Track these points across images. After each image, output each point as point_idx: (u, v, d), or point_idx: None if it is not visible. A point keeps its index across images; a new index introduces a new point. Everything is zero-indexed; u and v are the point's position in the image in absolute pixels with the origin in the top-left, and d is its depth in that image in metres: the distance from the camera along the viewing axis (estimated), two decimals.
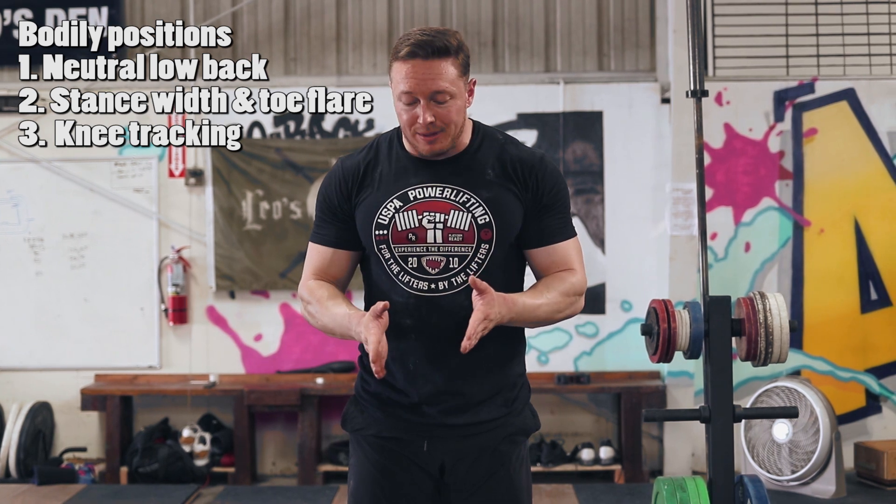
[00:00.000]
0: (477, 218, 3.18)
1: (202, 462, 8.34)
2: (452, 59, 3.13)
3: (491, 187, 3.20)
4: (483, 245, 3.19)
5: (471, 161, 3.24)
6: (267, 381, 8.59)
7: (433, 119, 3.11)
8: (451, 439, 3.28)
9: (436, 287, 3.20)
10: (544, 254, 3.28)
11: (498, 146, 3.28)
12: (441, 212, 3.18)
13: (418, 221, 3.18)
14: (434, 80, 3.10)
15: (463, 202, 3.18)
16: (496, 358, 3.29)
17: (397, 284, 3.22)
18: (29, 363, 8.83)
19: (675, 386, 8.28)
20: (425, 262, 3.19)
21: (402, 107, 3.16)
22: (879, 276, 8.52)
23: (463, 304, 3.17)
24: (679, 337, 4.64)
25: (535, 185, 3.24)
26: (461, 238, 3.18)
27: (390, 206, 3.19)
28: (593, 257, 8.65)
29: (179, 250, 8.68)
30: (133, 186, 8.73)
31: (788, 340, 4.60)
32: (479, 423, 3.29)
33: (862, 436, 8.44)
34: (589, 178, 8.70)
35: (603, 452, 8.30)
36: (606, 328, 8.66)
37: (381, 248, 3.21)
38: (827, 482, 7.49)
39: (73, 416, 8.73)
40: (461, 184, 3.20)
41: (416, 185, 3.20)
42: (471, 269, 3.19)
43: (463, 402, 3.26)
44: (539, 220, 3.26)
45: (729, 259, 8.54)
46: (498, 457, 3.33)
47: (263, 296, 8.74)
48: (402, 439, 3.30)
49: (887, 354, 8.53)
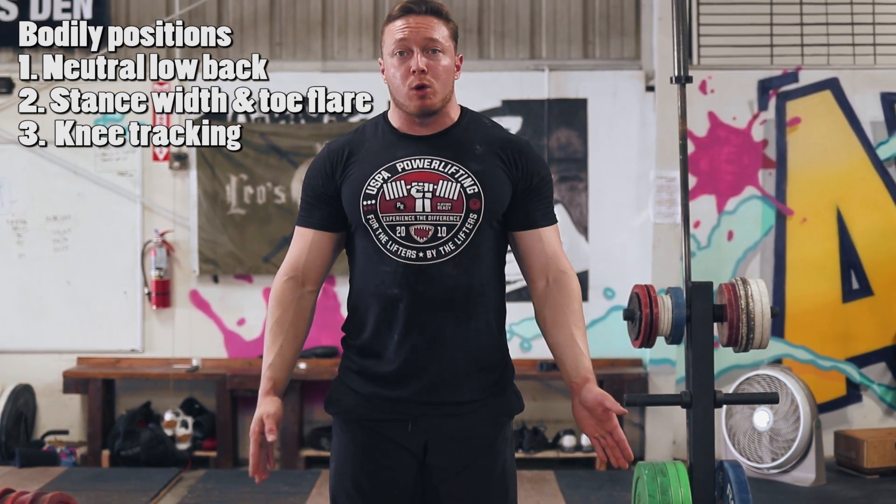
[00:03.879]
0: (466, 188, 3.21)
1: (184, 446, 8.34)
2: (445, 21, 3.27)
3: (480, 160, 3.26)
4: (472, 215, 3.21)
5: (460, 136, 3.29)
6: (250, 365, 8.59)
7: (425, 68, 3.20)
8: (435, 418, 3.29)
9: (424, 255, 3.22)
10: (531, 238, 3.32)
11: (485, 128, 3.35)
12: (430, 181, 3.21)
13: (406, 191, 3.21)
14: (428, 30, 3.22)
15: (451, 173, 3.22)
16: (482, 329, 3.30)
17: (385, 254, 3.24)
18: (11, 346, 8.81)
19: (656, 373, 8.31)
20: (413, 230, 3.21)
21: (395, 63, 3.25)
22: (861, 265, 8.55)
23: (451, 273, 3.22)
24: (661, 322, 4.66)
25: (524, 167, 3.30)
26: (450, 207, 3.20)
27: (378, 178, 3.22)
28: (576, 244, 8.67)
29: (163, 234, 8.67)
30: (117, 170, 8.71)
31: (770, 326, 4.62)
32: (463, 403, 3.29)
33: (842, 424, 8.49)
34: (573, 165, 8.71)
35: (584, 439, 8.31)
36: (589, 315, 8.66)
37: (370, 217, 3.23)
38: (807, 470, 7.53)
39: (55, 398, 8.72)
40: (450, 156, 3.24)
41: (404, 158, 3.25)
42: (458, 239, 3.21)
43: (448, 375, 3.26)
44: (526, 203, 3.31)
45: (712, 247, 8.57)
46: (483, 438, 3.33)
47: (247, 280, 8.74)
48: (385, 420, 3.30)
49: (868, 344, 8.57)
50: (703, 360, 4.68)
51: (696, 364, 4.68)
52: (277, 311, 3.32)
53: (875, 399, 8.58)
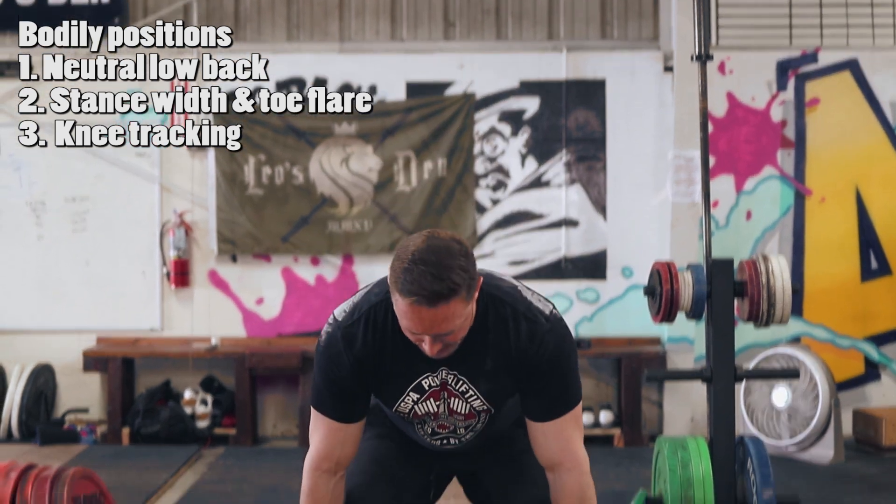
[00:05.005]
0: (475, 407, 3.22)
1: (204, 424, 8.38)
2: (459, 297, 2.90)
3: (490, 378, 3.16)
4: (483, 416, 3.26)
5: (473, 346, 3.10)
6: (268, 344, 8.63)
7: (440, 348, 3.00)
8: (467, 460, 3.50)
9: (447, 442, 3.33)
10: (536, 428, 3.19)
11: (502, 331, 3.11)
12: (447, 394, 3.19)
13: (434, 407, 3.22)
14: (440, 325, 2.92)
15: (462, 392, 3.18)
16: (505, 431, 3.43)
17: (413, 428, 3.36)
18: (31, 325, 8.86)
19: (675, 351, 8.32)
20: (437, 426, 3.28)
21: (405, 328, 3.00)
22: (880, 245, 8.54)
23: (473, 442, 3.35)
24: (682, 298, 4.68)
25: (537, 375, 3.14)
26: (463, 418, 3.26)
27: (408, 400, 3.21)
28: (595, 224, 8.68)
29: (181, 214, 8.70)
30: (135, 151, 8.73)
31: (790, 302, 4.64)
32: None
33: (861, 403, 8.49)
34: (591, 145, 8.72)
35: (603, 417, 8.34)
36: (607, 294, 8.70)
37: (399, 420, 3.35)
38: (825, 447, 7.54)
39: (74, 377, 8.77)
40: (463, 372, 3.15)
41: (426, 374, 3.15)
42: (475, 430, 3.30)
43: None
44: (535, 398, 3.18)
45: (730, 227, 8.56)
46: (508, 434, 3.42)
47: (265, 260, 8.77)
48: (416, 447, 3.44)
49: (887, 323, 8.57)
50: (724, 336, 4.70)
51: (717, 339, 4.70)
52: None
53: (894, 378, 8.57)
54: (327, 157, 8.62)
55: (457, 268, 2.87)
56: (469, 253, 2.94)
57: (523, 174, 8.72)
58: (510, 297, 3.12)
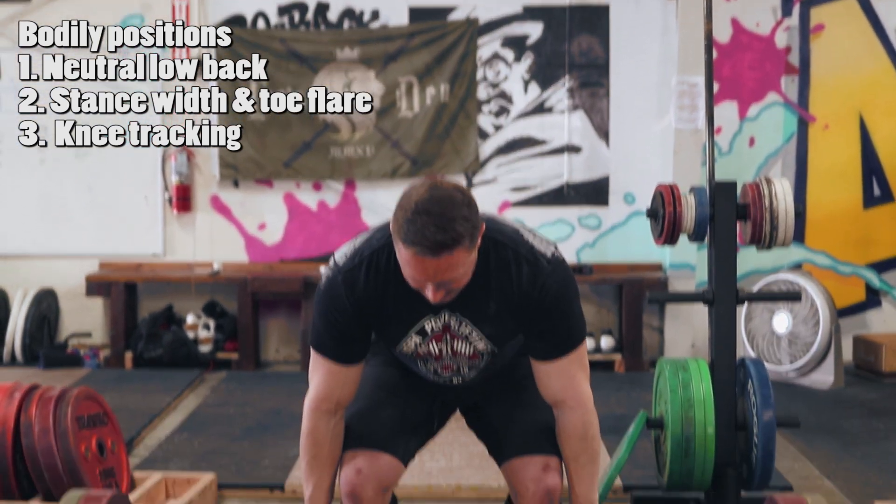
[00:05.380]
0: (479, 349, 3.23)
1: (206, 348, 8.42)
2: (462, 246, 2.90)
3: (493, 321, 3.17)
4: (487, 357, 3.27)
5: (475, 290, 3.10)
6: (270, 269, 8.65)
7: (442, 296, 3.00)
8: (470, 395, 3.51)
9: (450, 381, 3.35)
10: (539, 368, 3.21)
11: (504, 275, 3.12)
12: (450, 337, 3.20)
13: (437, 350, 3.23)
14: (444, 273, 2.92)
15: (465, 335, 3.19)
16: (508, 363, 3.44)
17: (417, 366, 3.36)
18: (33, 250, 8.87)
19: (676, 277, 8.33)
20: (440, 367, 3.29)
21: (407, 276, 2.99)
22: (883, 172, 8.52)
23: (477, 378, 3.35)
24: (685, 220, 4.67)
25: (539, 317, 3.14)
26: (467, 359, 3.26)
27: (411, 342, 3.22)
28: (598, 150, 8.65)
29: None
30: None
31: (793, 225, 4.63)
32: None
33: (861, 329, 8.51)
34: (594, 71, 8.67)
35: (604, 342, 8.38)
36: (609, 220, 8.69)
37: (403, 357, 3.35)
38: (825, 373, 7.58)
39: (77, 302, 8.80)
40: (466, 315, 3.16)
41: (428, 317, 3.17)
42: (479, 367, 3.31)
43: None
44: (536, 339, 3.19)
45: (733, 153, 8.54)
46: (508, 367, 3.44)
47: (267, 185, 8.75)
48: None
49: (888, 249, 8.58)
50: (726, 258, 4.69)
51: (719, 262, 4.70)
52: (313, 448, 3.26)
53: (894, 304, 8.59)
54: (329, 83, 8.58)
55: (460, 218, 2.87)
56: (472, 201, 2.94)
57: (526, 100, 8.68)
58: (512, 241, 3.13)
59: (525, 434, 3.29)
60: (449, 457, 5.83)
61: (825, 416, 6.86)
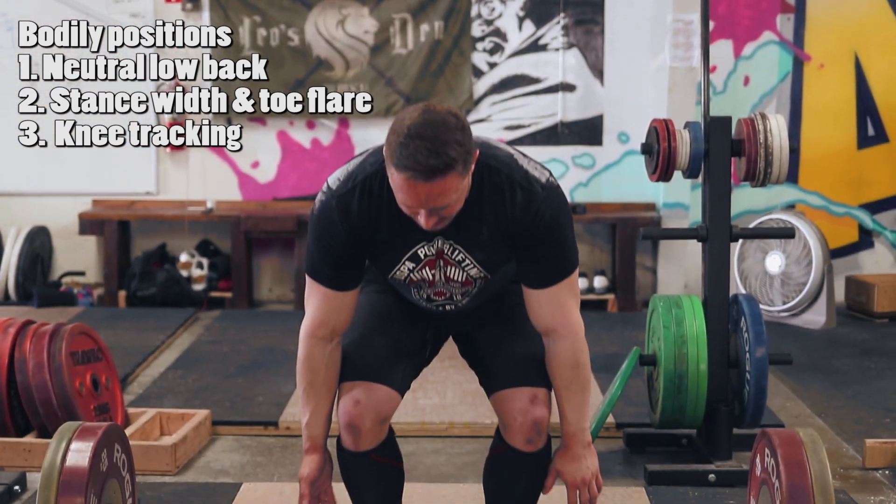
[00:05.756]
0: (472, 275, 3.21)
1: (199, 287, 8.42)
2: (455, 171, 2.87)
3: (485, 248, 3.14)
4: (479, 282, 3.25)
5: (468, 216, 3.08)
6: (264, 207, 8.63)
7: (436, 221, 2.97)
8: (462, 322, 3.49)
9: (443, 309, 3.33)
10: (531, 295, 3.19)
11: (498, 200, 3.09)
12: (443, 263, 3.18)
13: (430, 276, 3.21)
14: (437, 198, 2.89)
15: (458, 261, 3.16)
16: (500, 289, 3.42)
17: (409, 292, 3.34)
18: (26, 188, 8.84)
19: (670, 217, 8.32)
20: (433, 293, 3.28)
21: (400, 201, 2.97)
22: (877, 112, 8.50)
23: (470, 304, 3.33)
24: (679, 156, 4.66)
25: (532, 242, 3.12)
26: (460, 285, 3.24)
27: (404, 268, 3.19)
28: (592, 89, 8.62)
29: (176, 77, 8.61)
30: (129, 11, 8.63)
31: (787, 161, 4.62)
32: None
33: (853, 270, 8.53)
34: (588, 8, 8.61)
35: (597, 282, 8.39)
36: (603, 160, 8.67)
37: (396, 283, 3.33)
38: (818, 313, 7.61)
39: (70, 240, 8.78)
40: (459, 241, 3.13)
41: (422, 243, 3.14)
42: (471, 293, 3.29)
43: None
44: (528, 265, 3.17)
45: (727, 92, 8.52)
46: (500, 295, 3.43)
47: (260, 123, 8.72)
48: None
49: (882, 190, 8.57)
50: (720, 195, 4.69)
51: (713, 198, 4.70)
52: (309, 374, 3.24)
53: (887, 245, 8.60)
54: (323, 19, 8.53)
55: (453, 142, 2.84)
56: (465, 126, 2.90)
57: (520, 38, 8.63)
58: (506, 166, 3.10)
59: (513, 366, 3.29)
60: (442, 394, 5.86)
61: (817, 355, 6.89)
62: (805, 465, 3.09)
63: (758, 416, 4.69)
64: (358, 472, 3.34)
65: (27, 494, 4.49)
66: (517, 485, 3.37)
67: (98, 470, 3.24)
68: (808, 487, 3.05)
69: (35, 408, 4.86)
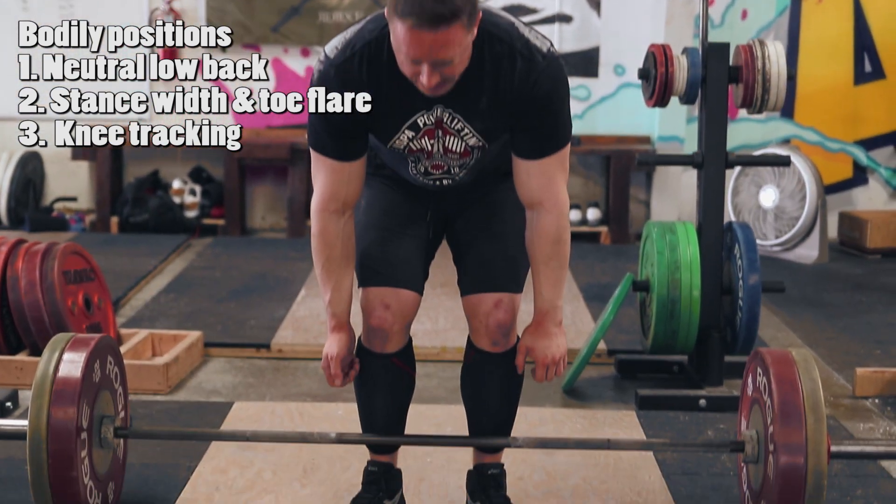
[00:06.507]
0: (470, 145, 3.15)
1: (192, 213, 8.41)
2: (460, 21, 2.80)
3: (484, 117, 3.09)
4: (477, 153, 3.20)
5: (468, 83, 3.02)
6: (257, 135, 8.59)
7: (438, 81, 2.91)
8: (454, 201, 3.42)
9: (440, 183, 3.28)
10: (522, 166, 3.16)
11: (498, 68, 3.02)
12: (442, 132, 3.12)
13: (429, 145, 3.16)
14: (441, 51, 2.82)
15: (457, 130, 3.10)
16: (499, 162, 3.36)
17: (408, 165, 3.28)
18: (18, 112, 8.77)
19: (665, 150, 8.29)
20: (431, 166, 3.23)
21: (402, 58, 2.91)
22: (875, 48, 8.47)
23: (467, 178, 3.28)
24: (676, 81, 4.64)
25: (531, 111, 3.06)
26: (458, 156, 3.19)
27: (403, 137, 3.14)
28: (588, 21, 8.57)
29: (170, 1, 8.57)
30: None
31: (785, 88, 4.61)
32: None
33: (847, 206, 8.53)
34: None
35: (590, 214, 8.38)
36: (599, 92, 8.64)
37: (395, 157, 3.27)
38: (810, 248, 7.61)
39: (62, 166, 8.75)
40: (458, 109, 3.07)
41: (422, 111, 3.09)
42: (468, 166, 3.23)
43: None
44: (523, 134, 3.13)
45: (725, 26, 8.47)
46: (492, 181, 3.39)
47: (255, 49, 8.66)
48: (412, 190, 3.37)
49: (877, 127, 8.56)
50: (717, 121, 4.68)
51: (710, 124, 4.68)
52: (326, 249, 3.21)
53: (881, 182, 8.60)
54: None
55: None
56: None
57: None
58: (507, 34, 3.04)
59: (480, 269, 3.27)
60: (434, 320, 5.87)
61: (809, 289, 6.90)
62: (797, 384, 3.10)
63: (749, 343, 4.70)
64: (378, 375, 3.33)
65: (19, 411, 4.50)
66: (491, 387, 3.36)
67: (91, 380, 3.24)
68: (800, 405, 3.06)
69: (27, 326, 4.86)
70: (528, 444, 3.39)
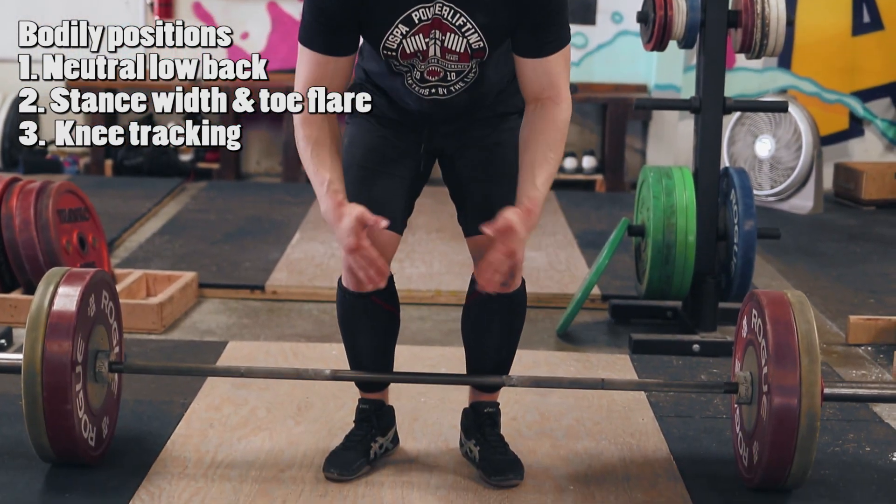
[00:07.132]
0: (472, 43, 3.10)
1: (187, 157, 8.38)
2: None
3: (487, 10, 3.04)
4: (476, 60, 3.15)
5: None
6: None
7: None
8: (450, 136, 3.37)
9: (436, 92, 3.22)
10: (529, 64, 3.13)
11: None
12: (440, 30, 3.07)
13: (424, 44, 3.11)
14: None
15: (459, 25, 3.06)
16: (495, 91, 3.33)
17: (401, 78, 3.23)
18: (12, 54, 8.71)
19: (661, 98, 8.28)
20: (427, 72, 3.17)
21: None
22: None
23: (464, 97, 3.24)
24: (675, 25, 4.62)
25: (532, 6, 3.05)
26: (457, 59, 3.14)
27: (397, 33, 3.08)
28: None
29: None
30: None
31: (784, 33, 4.59)
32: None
33: (843, 157, 8.52)
34: None
35: (586, 162, 8.37)
36: (596, 39, 8.60)
37: (389, 60, 3.19)
38: (805, 198, 7.61)
39: None
40: (460, 3, 3.03)
41: (418, 5, 3.03)
42: (467, 78, 3.19)
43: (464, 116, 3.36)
44: (529, 34, 3.11)
45: None
46: (491, 123, 3.36)
47: None
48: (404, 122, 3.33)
49: (874, 78, 8.53)
50: (715, 65, 4.67)
51: (708, 69, 4.67)
52: (313, 131, 3.17)
53: (877, 134, 8.58)
54: None
55: None
56: None
57: None
58: None
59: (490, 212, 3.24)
60: (429, 264, 5.87)
61: (804, 239, 6.91)
62: (792, 324, 3.11)
63: (744, 289, 4.71)
64: (358, 314, 3.32)
65: (13, 348, 4.50)
66: (493, 327, 3.35)
67: (86, 315, 3.24)
68: (795, 346, 3.07)
69: (21, 264, 4.85)
70: (522, 383, 3.40)
